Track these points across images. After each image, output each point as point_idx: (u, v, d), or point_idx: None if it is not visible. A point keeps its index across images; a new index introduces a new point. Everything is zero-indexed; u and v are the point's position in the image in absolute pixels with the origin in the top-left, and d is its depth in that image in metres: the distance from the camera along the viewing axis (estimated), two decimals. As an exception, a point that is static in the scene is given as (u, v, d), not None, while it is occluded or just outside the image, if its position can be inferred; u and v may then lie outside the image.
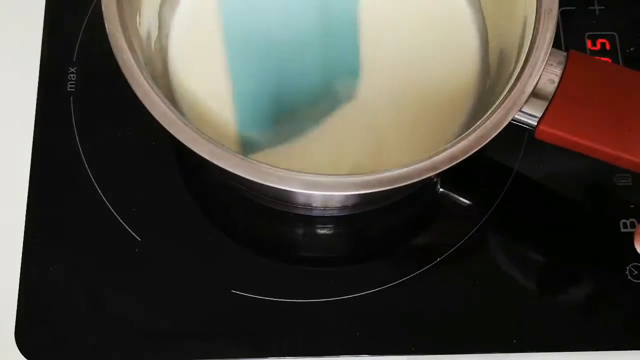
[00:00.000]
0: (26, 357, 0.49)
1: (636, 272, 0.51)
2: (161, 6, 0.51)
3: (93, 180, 0.53)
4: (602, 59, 0.56)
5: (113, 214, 0.52)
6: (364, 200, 0.52)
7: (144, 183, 0.53)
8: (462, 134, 0.42)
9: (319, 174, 0.41)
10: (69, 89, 0.55)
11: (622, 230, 0.52)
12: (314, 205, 0.52)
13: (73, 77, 0.55)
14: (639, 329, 0.51)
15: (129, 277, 0.51)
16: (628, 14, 0.57)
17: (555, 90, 0.43)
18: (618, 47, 0.56)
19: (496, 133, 0.41)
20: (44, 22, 0.56)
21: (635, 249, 0.44)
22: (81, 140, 0.53)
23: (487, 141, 0.41)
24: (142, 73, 0.42)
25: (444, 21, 0.53)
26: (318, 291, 0.50)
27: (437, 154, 0.41)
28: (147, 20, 0.49)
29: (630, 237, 0.46)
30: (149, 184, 0.53)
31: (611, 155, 0.43)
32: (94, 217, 0.52)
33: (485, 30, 0.52)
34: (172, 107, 0.42)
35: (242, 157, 0.41)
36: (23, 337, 0.49)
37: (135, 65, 0.42)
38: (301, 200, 0.52)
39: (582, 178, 0.53)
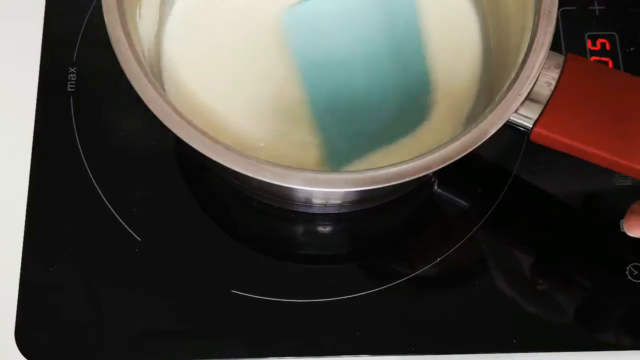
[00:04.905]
0: (26, 357, 0.49)
1: (636, 272, 0.51)
2: (162, 1, 0.51)
3: (93, 180, 0.53)
4: (602, 59, 0.56)
5: (113, 214, 0.52)
6: (361, 197, 0.52)
7: (144, 183, 0.53)
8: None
9: (310, 170, 0.41)
10: (69, 89, 0.55)
11: (622, 230, 0.51)
12: (312, 202, 0.52)
13: (73, 77, 0.55)
14: (639, 329, 0.51)
15: (129, 277, 0.51)
16: (628, 14, 0.57)
17: (552, 93, 0.43)
18: (618, 47, 0.56)
19: (491, 134, 0.41)
20: (44, 22, 0.56)
21: (629, 250, 0.44)
22: (81, 140, 0.53)
23: (481, 142, 0.41)
24: (139, 66, 0.42)
25: (446, 21, 0.52)
26: (318, 291, 0.50)
27: (431, 154, 0.41)
28: (148, 14, 0.49)
29: (630, 238, 0.46)
30: (149, 184, 0.53)
31: (607, 160, 0.43)
32: (94, 217, 0.52)
33: (487, 30, 0.52)
34: (170, 102, 0.42)
35: (238, 152, 0.41)
36: (23, 337, 0.49)
37: (132, 58, 0.42)
38: (299, 196, 0.52)
39: (582, 178, 0.53)
